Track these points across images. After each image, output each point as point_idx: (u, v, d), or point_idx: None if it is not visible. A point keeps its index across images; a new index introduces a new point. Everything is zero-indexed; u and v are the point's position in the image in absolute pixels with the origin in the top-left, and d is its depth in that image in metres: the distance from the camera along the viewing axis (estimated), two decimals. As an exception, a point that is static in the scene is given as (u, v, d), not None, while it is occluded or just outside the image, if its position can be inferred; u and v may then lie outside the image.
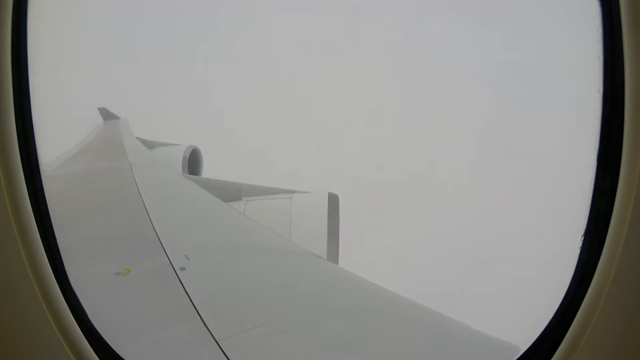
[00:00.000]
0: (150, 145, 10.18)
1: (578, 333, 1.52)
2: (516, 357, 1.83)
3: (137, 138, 10.50)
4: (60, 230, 1.73)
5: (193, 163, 9.89)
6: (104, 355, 1.80)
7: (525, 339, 1.80)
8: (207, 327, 2.49)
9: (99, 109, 13.85)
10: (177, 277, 3.12)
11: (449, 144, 23.68)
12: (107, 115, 13.70)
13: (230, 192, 6.44)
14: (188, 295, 2.85)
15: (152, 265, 3.46)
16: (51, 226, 1.69)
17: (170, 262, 3.37)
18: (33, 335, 1.64)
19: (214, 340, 2.38)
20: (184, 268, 3.26)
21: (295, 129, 24.96)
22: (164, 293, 3.01)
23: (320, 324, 2.76)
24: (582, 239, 1.57)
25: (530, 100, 22.87)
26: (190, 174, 9.46)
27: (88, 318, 1.79)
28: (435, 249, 16.93)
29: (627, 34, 1.33)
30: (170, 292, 2.95)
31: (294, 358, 2.43)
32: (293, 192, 6.26)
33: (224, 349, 2.30)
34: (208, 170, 10.23)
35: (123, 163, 7.47)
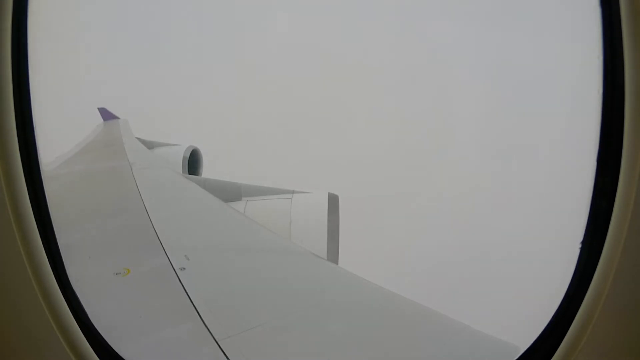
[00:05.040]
0: (150, 145, 10.18)
1: (578, 333, 1.52)
2: (516, 357, 1.83)
3: (137, 138, 10.50)
4: (60, 230, 1.73)
5: (193, 163, 9.89)
6: (104, 355, 1.80)
7: (525, 339, 1.80)
8: (207, 327, 2.49)
9: (99, 109, 13.86)
10: (177, 277, 3.12)
11: (449, 144, 23.69)
12: (107, 115, 13.71)
13: (230, 192, 6.44)
14: (188, 295, 2.85)
15: (152, 265, 3.46)
16: (51, 226, 1.69)
17: (170, 262, 3.37)
18: (33, 335, 1.64)
19: (214, 340, 2.38)
20: (184, 268, 3.26)
21: (296, 129, 24.97)
22: (164, 293, 3.01)
23: (320, 324, 2.76)
24: (582, 239, 1.57)
25: (530, 100, 22.88)
26: (190, 174, 9.46)
27: (88, 318, 1.79)
28: (435, 249, 16.94)
29: (627, 34, 1.33)
30: (170, 292, 2.95)
31: (294, 358, 2.43)
32: (293, 192, 6.25)
33: (224, 349, 2.30)
34: (208, 170, 10.24)
35: (123, 163, 7.46)
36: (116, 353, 1.90)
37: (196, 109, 25.68)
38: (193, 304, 2.75)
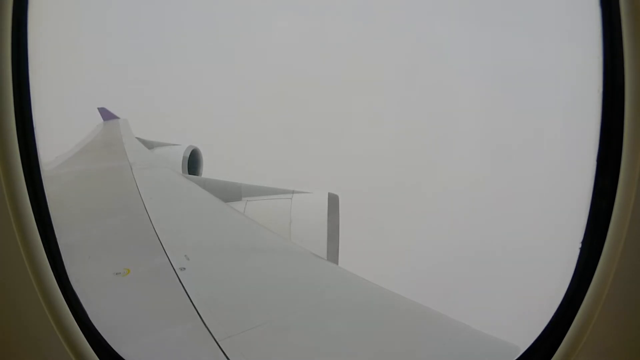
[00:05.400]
0: (150, 145, 10.18)
1: (578, 333, 1.53)
2: (516, 357, 1.83)
3: (137, 138, 10.50)
4: (60, 230, 1.73)
5: (193, 163, 9.89)
6: (104, 355, 1.80)
7: (525, 339, 1.80)
8: (207, 327, 2.49)
9: (99, 109, 13.85)
10: (177, 277, 3.12)
11: (449, 144, 23.70)
12: (107, 115, 13.70)
13: (230, 192, 6.44)
14: (188, 296, 2.85)
15: (152, 265, 3.46)
16: (51, 226, 1.69)
17: (170, 262, 3.37)
18: (33, 335, 1.64)
19: (214, 340, 2.38)
20: (184, 268, 3.26)
21: (296, 129, 24.97)
22: (164, 293, 3.01)
23: (321, 324, 2.76)
24: (582, 239, 1.57)
25: (530, 100, 22.88)
26: (190, 174, 9.46)
27: (88, 318, 1.79)
28: (435, 249, 16.94)
29: (627, 34, 1.33)
30: (170, 292, 2.95)
31: (294, 358, 2.43)
32: (293, 192, 6.26)
33: (224, 349, 2.30)
34: (208, 170, 10.23)
35: (123, 163, 7.46)
36: (116, 353, 1.90)
37: (196, 109, 25.69)
38: (193, 304, 2.75)
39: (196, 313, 2.64)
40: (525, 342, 1.82)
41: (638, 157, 1.36)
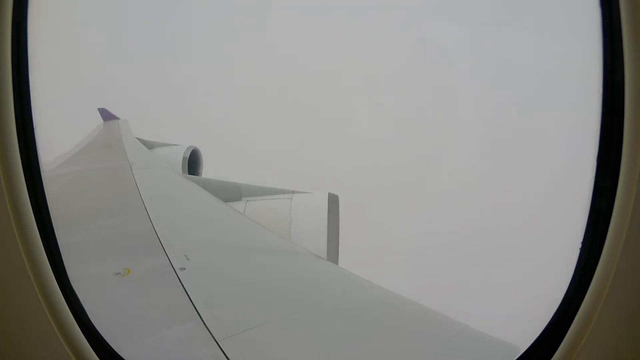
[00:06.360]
0: (150, 145, 10.19)
1: (578, 333, 1.52)
2: (516, 357, 1.83)
3: (137, 138, 10.51)
4: (60, 230, 1.73)
5: (193, 163, 9.91)
6: (104, 355, 1.80)
7: (525, 339, 1.81)
8: (207, 327, 2.49)
9: (99, 109, 13.87)
10: (177, 277, 3.12)
11: (449, 144, 23.70)
12: (107, 115, 13.72)
13: (230, 193, 6.44)
14: (188, 295, 2.85)
15: (152, 265, 3.46)
16: (51, 226, 1.69)
17: (170, 262, 3.37)
18: (33, 335, 1.64)
19: (214, 340, 2.38)
20: (184, 268, 3.26)
21: (296, 129, 24.98)
22: (164, 293, 3.01)
23: (320, 324, 2.76)
24: (582, 239, 1.57)
25: (530, 100, 22.89)
26: (190, 174, 9.47)
27: (88, 318, 1.79)
28: (435, 249, 16.95)
29: (627, 34, 1.33)
30: (170, 292, 2.95)
31: (294, 358, 2.43)
32: (293, 192, 6.26)
33: (224, 349, 2.30)
34: (208, 170, 10.25)
35: (123, 163, 7.47)
36: (116, 353, 1.90)
37: (196, 109, 25.70)
38: (193, 304, 2.75)
39: (196, 313, 2.64)
40: (525, 342, 1.82)
41: (638, 157, 1.36)
